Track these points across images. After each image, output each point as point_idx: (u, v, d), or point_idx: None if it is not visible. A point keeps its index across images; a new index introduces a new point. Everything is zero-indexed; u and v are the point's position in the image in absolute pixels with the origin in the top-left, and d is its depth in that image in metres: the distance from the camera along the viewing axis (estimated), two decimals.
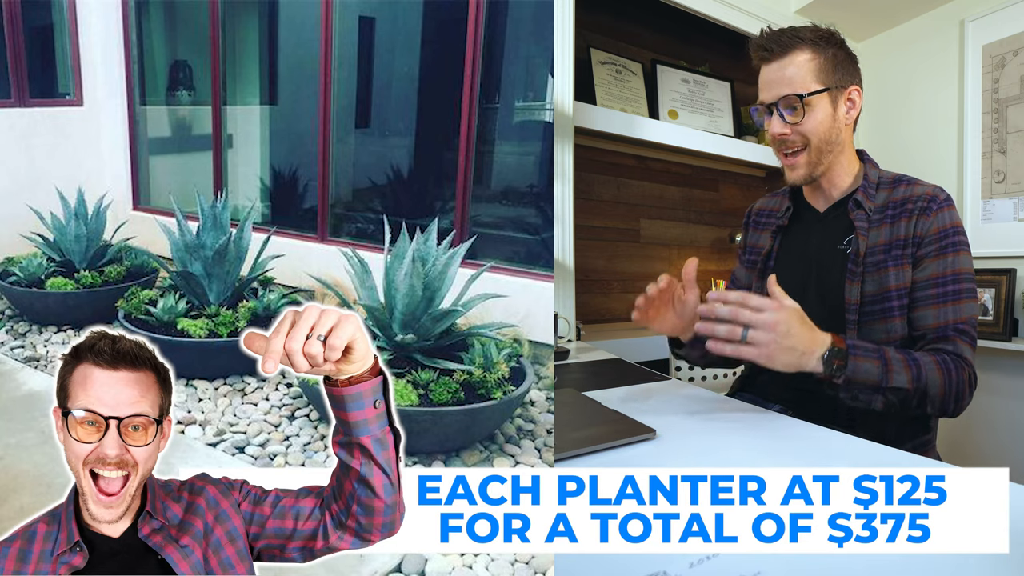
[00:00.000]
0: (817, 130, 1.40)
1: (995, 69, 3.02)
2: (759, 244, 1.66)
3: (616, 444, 1.09)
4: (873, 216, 1.42)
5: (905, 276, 1.37)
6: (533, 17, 3.04)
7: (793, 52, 1.39)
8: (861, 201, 1.44)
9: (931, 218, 1.36)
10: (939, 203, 1.37)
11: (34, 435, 2.03)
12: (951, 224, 1.36)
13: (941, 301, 1.34)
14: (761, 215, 1.70)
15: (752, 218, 1.73)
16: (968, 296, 1.34)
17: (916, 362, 1.26)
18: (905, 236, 1.37)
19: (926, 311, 1.35)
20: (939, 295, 1.34)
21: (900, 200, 1.41)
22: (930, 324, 1.34)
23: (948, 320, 1.33)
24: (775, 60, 1.41)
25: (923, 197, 1.38)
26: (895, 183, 1.45)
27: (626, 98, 3.20)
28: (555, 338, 2.30)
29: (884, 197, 1.43)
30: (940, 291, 1.34)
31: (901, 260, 1.37)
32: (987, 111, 3.05)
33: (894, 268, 1.37)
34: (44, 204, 3.09)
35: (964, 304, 1.34)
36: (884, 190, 1.44)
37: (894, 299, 1.37)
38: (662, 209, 3.61)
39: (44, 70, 3.82)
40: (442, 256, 2.33)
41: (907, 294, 1.37)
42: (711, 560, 0.76)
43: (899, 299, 1.37)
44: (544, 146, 3.05)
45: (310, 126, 3.46)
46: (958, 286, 1.34)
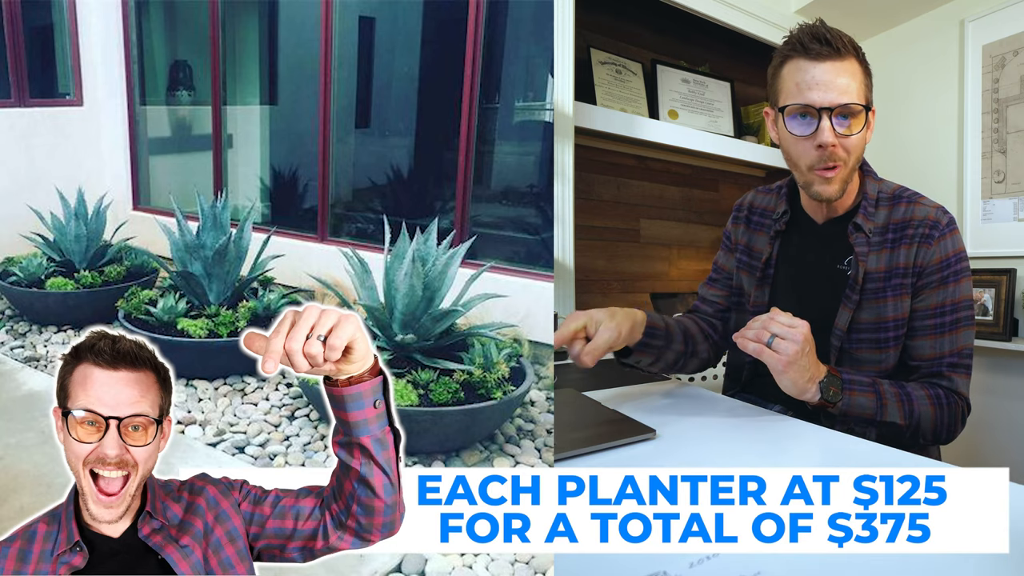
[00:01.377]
0: (858, 147, 1.31)
1: (995, 69, 3.02)
2: (757, 247, 1.58)
3: (616, 444, 1.09)
4: (873, 239, 1.36)
5: (903, 307, 1.33)
6: (533, 17, 3.04)
7: (851, 58, 1.28)
8: (861, 224, 1.37)
9: (933, 247, 1.31)
10: (941, 229, 1.32)
11: (34, 435, 2.03)
12: (953, 252, 1.32)
13: (939, 332, 1.32)
14: (755, 212, 1.61)
15: (745, 213, 1.63)
16: (966, 324, 1.33)
17: (909, 397, 1.27)
18: (905, 264, 1.33)
19: (923, 341, 1.33)
20: (937, 326, 1.32)
21: (900, 223, 1.35)
22: (926, 355, 1.33)
23: (944, 352, 1.32)
24: (830, 61, 1.27)
25: (924, 223, 1.33)
26: (895, 200, 1.38)
27: (626, 98, 3.20)
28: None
29: (884, 216, 1.37)
30: (938, 321, 1.32)
31: (900, 291, 1.33)
32: (987, 111, 3.05)
33: (893, 298, 1.34)
34: (44, 204, 3.09)
35: (961, 333, 1.32)
36: (884, 208, 1.38)
37: (891, 329, 1.34)
38: (662, 209, 3.61)
39: (44, 70, 3.82)
40: (442, 256, 2.33)
41: (904, 324, 1.34)
42: (711, 560, 0.76)
43: (895, 330, 1.34)
44: (544, 146, 3.05)
45: (310, 126, 3.46)
46: (956, 315, 1.32)
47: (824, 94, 1.26)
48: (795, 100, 1.28)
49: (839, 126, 1.27)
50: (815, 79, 1.27)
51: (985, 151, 3.05)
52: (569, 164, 2.56)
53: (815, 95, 1.26)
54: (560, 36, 2.50)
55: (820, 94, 1.26)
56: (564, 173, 2.55)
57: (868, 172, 1.43)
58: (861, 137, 1.30)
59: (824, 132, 1.26)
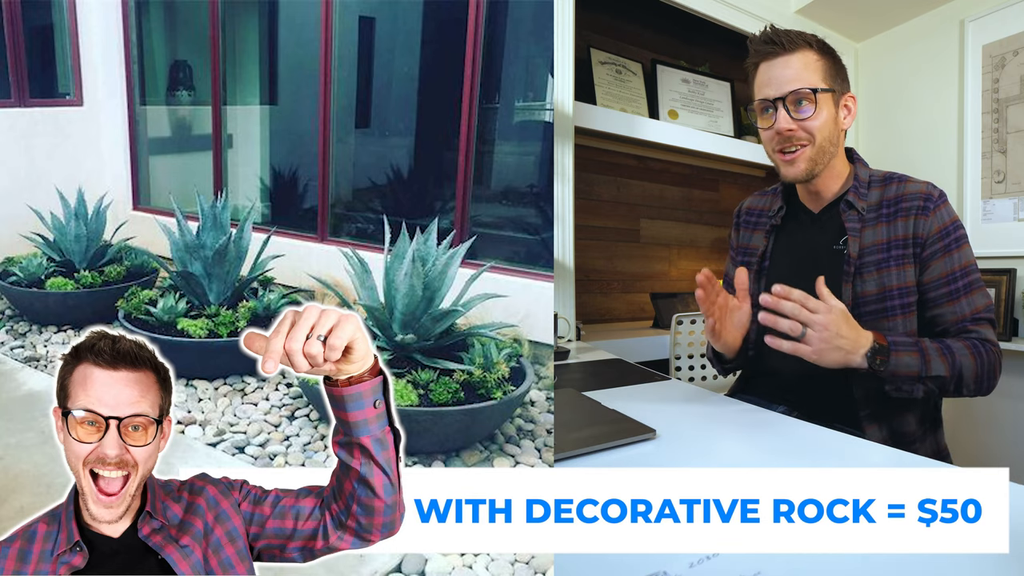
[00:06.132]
0: (823, 129, 1.40)
1: (995, 69, 3.02)
2: (752, 244, 1.64)
3: (616, 444, 1.09)
4: (867, 215, 1.43)
5: (907, 276, 1.38)
6: (533, 17, 3.04)
7: (801, 51, 1.39)
8: (853, 202, 1.44)
9: (930, 218, 1.37)
10: (935, 201, 1.38)
11: (34, 435, 2.03)
12: (950, 221, 1.38)
13: (955, 297, 1.37)
14: (751, 214, 1.69)
15: (742, 218, 1.71)
16: (978, 286, 1.37)
17: (950, 349, 1.32)
18: (904, 236, 1.38)
19: (943, 309, 1.38)
20: (952, 292, 1.37)
21: (894, 198, 1.42)
22: (948, 319, 1.37)
23: (965, 313, 1.37)
24: (781, 56, 1.39)
25: (918, 196, 1.39)
26: (886, 181, 1.46)
27: (626, 98, 3.20)
28: (555, 338, 2.30)
29: (877, 195, 1.44)
30: (952, 288, 1.37)
31: (902, 260, 1.38)
32: (987, 111, 3.05)
33: (896, 268, 1.39)
34: (44, 204, 3.09)
35: (976, 294, 1.37)
36: (876, 188, 1.45)
37: (896, 298, 1.38)
38: (662, 209, 3.61)
39: (44, 70, 3.82)
40: (442, 256, 2.33)
41: (909, 293, 1.38)
42: (711, 560, 0.76)
43: (901, 298, 1.38)
44: (544, 146, 3.05)
45: (310, 126, 3.46)
46: (967, 279, 1.37)
47: (775, 87, 1.39)
48: (757, 98, 1.43)
49: (795, 112, 1.38)
50: (768, 76, 1.40)
51: (985, 151, 3.05)
52: (569, 164, 2.56)
53: (769, 89, 1.40)
54: (560, 36, 2.50)
55: (773, 88, 1.39)
56: (564, 173, 2.55)
57: (857, 159, 1.51)
58: (827, 119, 1.39)
59: (778, 119, 1.38)
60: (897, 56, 3.46)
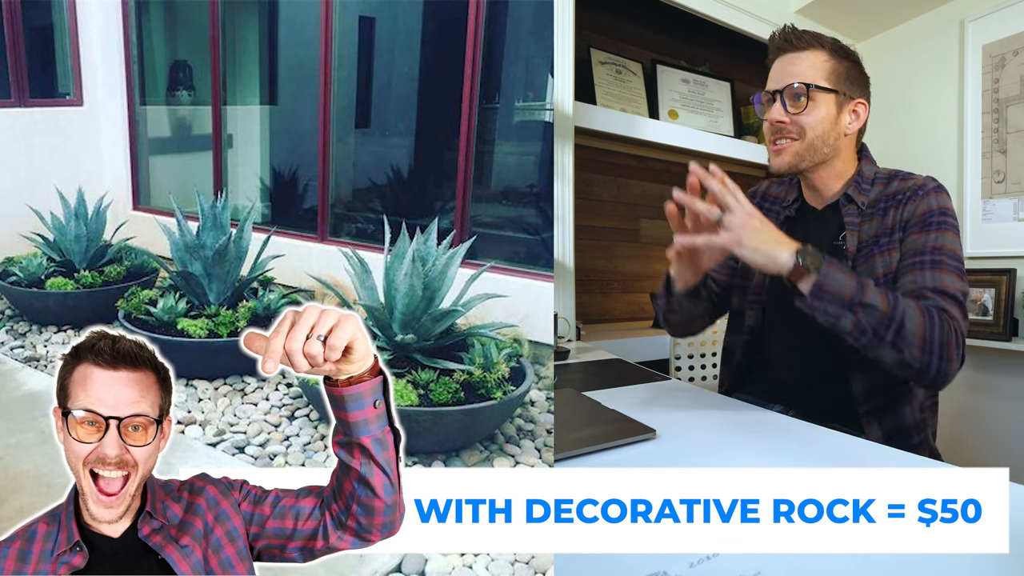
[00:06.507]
0: (815, 126, 1.40)
1: (995, 69, 3.02)
2: None
3: (616, 444, 1.09)
4: (866, 211, 1.43)
5: (892, 262, 1.36)
6: (533, 17, 3.04)
7: (812, 50, 1.41)
8: (852, 196, 1.44)
9: (918, 202, 1.36)
10: (927, 189, 1.38)
11: (34, 435, 2.03)
12: (938, 206, 1.35)
13: (919, 268, 1.29)
14: (767, 200, 1.68)
15: (757, 200, 1.68)
16: (951, 269, 1.28)
17: (894, 294, 1.20)
18: (893, 224, 1.38)
19: (904, 278, 1.31)
20: (917, 263, 1.30)
21: (893, 194, 1.42)
22: (908, 289, 1.28)
23: (926, 284, 1.27)
24: (791, 53, 1.42)
25: (913, 187, 1.39)
26: (890, 178, 1.46)
27: (626, 98, 3.20)
28: (555, 338, 2.30)
29: (878, 192, 1.44)
30: (918, 260, 1.30)
31: (888, 247, 1.37)
32: (987, 111, 3.05)
33: (880, 255, 1.38)
34: (44, 204, 3.09)
35: (945, 274, 1.27)
36: (879, 185, 1.45)
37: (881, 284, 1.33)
38: (662, 209, 3.60)
39: (44, 70, 3.82)
40: (442, 256, 2.33)
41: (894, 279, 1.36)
42: (711, 560, 0.76)
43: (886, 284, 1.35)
44: (544, 146, 3.05)
45: (310, 126, 3.46)
46: (938, 257, 1.29)
47: (777, 80, 1.43)
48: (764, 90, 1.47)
49: (791, 105, 1.40)
50: (775, 70, 1.45)
51: (985, 151, 3.05)
52: (569, 164, 2.57)
53: (771, 83, 1.45)
54: (560, 36, 2.50)
55: (774, 81, 1.44)
56: (564, 173, 2.55)
57: (866, 156, 1.51)
58: (822, 118, 1.40)
59: (774, 110, 1.42)
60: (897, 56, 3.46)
